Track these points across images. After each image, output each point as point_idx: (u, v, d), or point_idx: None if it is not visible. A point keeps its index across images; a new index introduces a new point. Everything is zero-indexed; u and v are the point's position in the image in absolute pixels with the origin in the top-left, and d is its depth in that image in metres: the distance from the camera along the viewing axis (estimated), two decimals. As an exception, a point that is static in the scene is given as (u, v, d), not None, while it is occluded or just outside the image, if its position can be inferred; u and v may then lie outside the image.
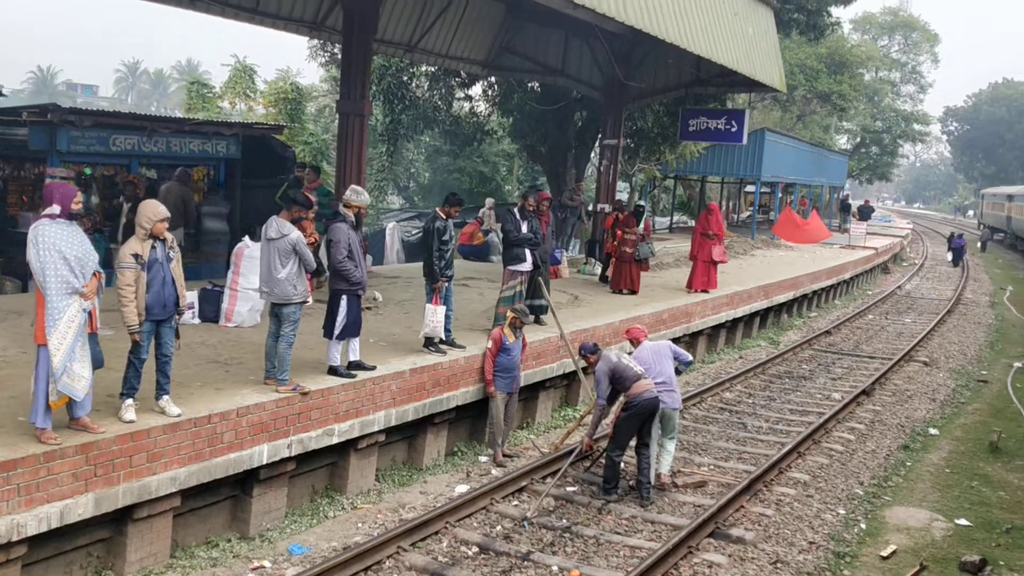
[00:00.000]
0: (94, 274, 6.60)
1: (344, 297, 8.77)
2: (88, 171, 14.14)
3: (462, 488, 9.62)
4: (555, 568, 7.84)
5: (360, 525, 8.59)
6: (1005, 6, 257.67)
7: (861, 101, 55.97)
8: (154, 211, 7.16)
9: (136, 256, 6.99)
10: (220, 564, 7.55)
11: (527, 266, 11.62)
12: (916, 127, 73.68)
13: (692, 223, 41.10)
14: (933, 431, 13.60)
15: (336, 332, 8.81)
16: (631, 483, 9.91)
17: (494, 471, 10.26)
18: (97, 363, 6.73)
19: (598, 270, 18.71)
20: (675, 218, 41.27)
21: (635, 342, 10.25)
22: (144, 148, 14.33)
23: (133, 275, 6.95)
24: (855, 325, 23.48)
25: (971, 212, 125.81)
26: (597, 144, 26.92)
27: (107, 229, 13.92)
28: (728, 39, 17.30)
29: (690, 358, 10.66)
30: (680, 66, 19.10)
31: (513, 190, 40.04)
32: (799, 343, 19.60)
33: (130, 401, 7.09)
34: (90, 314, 6.59)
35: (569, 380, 12.99)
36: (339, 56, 22.88)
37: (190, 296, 10.92)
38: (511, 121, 26.39)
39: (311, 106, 33.13)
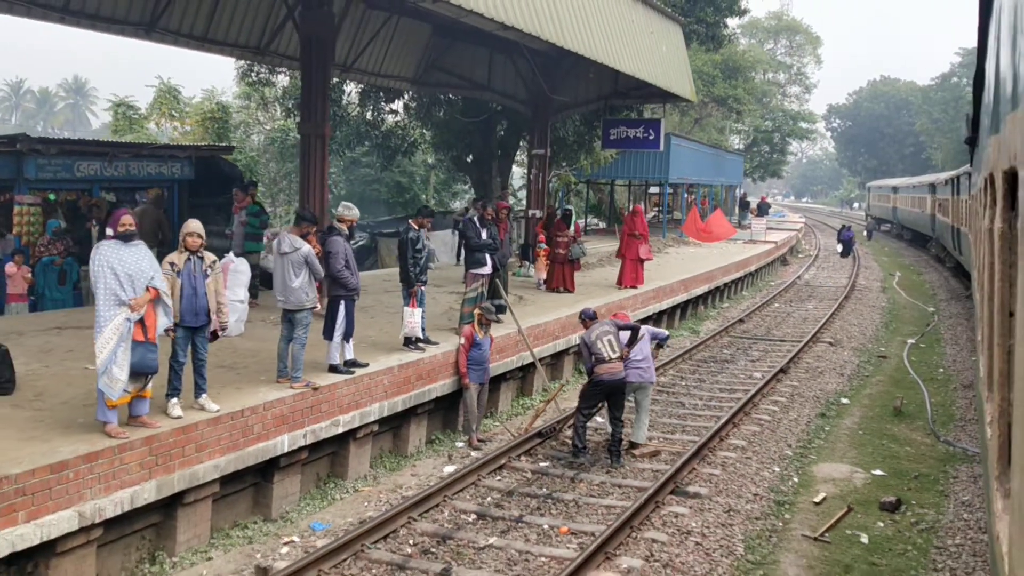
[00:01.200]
0: (147, 289, 7.52)
1: (342, 302, 9.84)
2: (52, 196, 14.72)
3: (450, 468, 10.77)
4: (545, 527, 9.08)
5: (367, 504, 9.66)
6: (881, 10, 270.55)
7: (753, 103, 58.87)
8: (186, 227, 8.14)
9: (172, 264, 7.95)
10: (255, 541, 8.54)
11: (487, 269, 12.84)
12: (803, 125, 77.71)
13: (603, 226, 43.01)
14: (844, 400, 15.34)
15: (336, 334, 9.85)
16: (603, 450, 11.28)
17: (473, 454, 11.43)
18: (150, 369, 7.61)
19: (532, 272, 19.99)
20: (588, 221, 42.97)
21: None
22: (106, 173, 15.00)
23: (168, 282, 7.89)
24: (764, 313, 25.39)
25: (856, 205, 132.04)
26: (518, 153, 28.36)
27: (77, 252, 14.50)
28: (645, 55, 18.87)
29: (666, 334, 12.25)
30: (600, 80, 20.61)
31: (429, 199, 41.11)
32: (717, 331, 21.28)
33: (175, 400, 8.04)
34: (144, 323, 7.49)
35: (525, 372, 14.23)
36: (266, 77, 23.79)
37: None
38: (434, 134, 27.51)
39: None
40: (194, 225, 8.21)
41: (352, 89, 25.20)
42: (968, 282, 25.19)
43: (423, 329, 11.67)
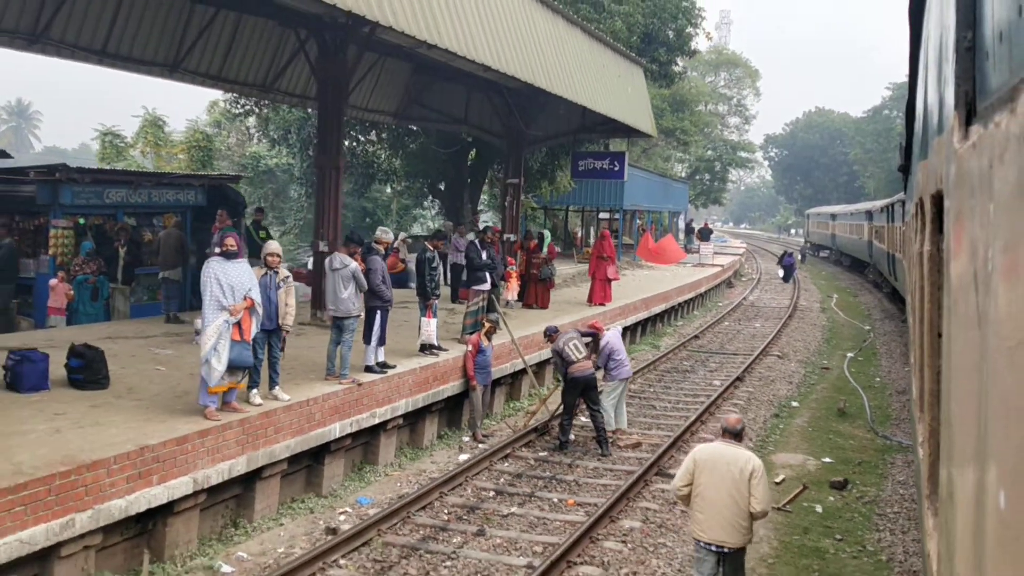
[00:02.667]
0: (245, 298, 9.10)
1: (379, 312, 11.47)
2: (82, 221, 16.08)
3: (464, 456, 12.43)
4: (555, 500, 10.80)
5: (399, 484, 11.28)
6: (816, 43, 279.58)
7: (698, 134, 61.61)
8: (267, 248, 9.75)
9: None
10: (315, 512, 10.11)
11: (487, 286, 14.58)
12: (743, 155, 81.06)
13: (558, 249, 44.93)
14: (795, 403, 17.33)
15: (373, 339, 11.49)
16: (592, 440, 13.05)
17: (480, 446, 13.09)
18: (247, 364, 9.18)
19: (506, 293, 21.70)
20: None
21: (600, 331, 13.42)
22: (130, 200, 16.41)
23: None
24: (716, 330, 27.46)
25: (793, 231, 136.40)
26: (486, 180, 30.17)
27: (107, 271, 15.86)
28: (613, 95, 20.88)
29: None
30: (570, 116, 22.55)
31: (391, 224, 42.69)
32: (676, 346, 23.23)
33: (255, 390, 9.61)
34: (240, 326, 9.08)
35: (514, 378, 15.93)
36: (248, 108, 25.31)
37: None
38: (406, 162, 29.20)
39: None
40: (274, 246, 9.83)
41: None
42: (903, 306, 26.88)
43: (436, 337, 13.33)
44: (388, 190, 40.65)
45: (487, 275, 14.52)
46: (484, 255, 14.59)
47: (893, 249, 28.15)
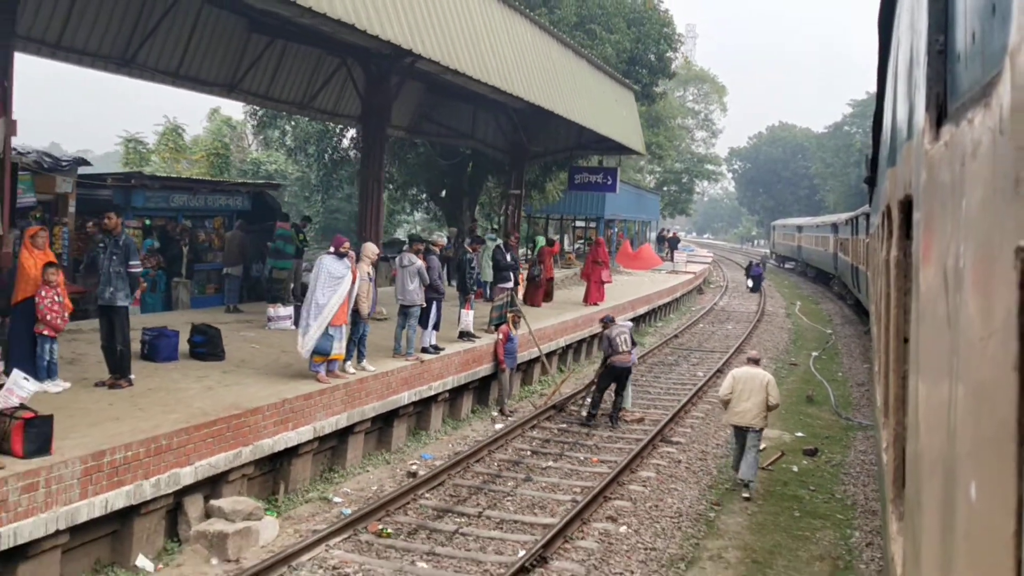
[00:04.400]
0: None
1: (435, 303, 13.77)
2: (148, 222, 18.17)
3: (499, 426, 14.75)
4: (581, 458, 13.16)
5: (451, 445, 13.57)
6: (778, 62, 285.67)
7: (670, 149, 64.45)
8: (370, 250, 12.00)
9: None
10: (391, 464, 12.37)
11: (511, 284, 16.91)
12: (709, 167, 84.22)
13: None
14: (767, 422, 19.82)
15: (430, 324, 13.78)
16: (605, 415, 15.43)
17: (509, 419, 15.41)
18: (326, 351, 11.39)
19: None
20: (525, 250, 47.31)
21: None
22: (190, 204, 18.54)
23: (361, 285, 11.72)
24: (693, 331, 30.01)
25: (755, 242, 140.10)
26: (482, 190, 32.49)
27: (166, 267, 17.93)
28: (608, 116, 23.34)
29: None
30: (568, 134, 24.98)
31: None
32: (659, 344, 25.70)
33: (349, 363, 11.86)
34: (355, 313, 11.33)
35: (529, 365, 18.26)
36: (270, 120, 27.42)
37: (284, 311, 15.57)
38: (405, 172, 31.43)
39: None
40: (374, 249, 12.08)
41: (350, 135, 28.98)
42: (866, 317, 27.70)
43: (470, 325, 15.65)
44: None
45: (511, 275, 16.85)
46: (508, 257, 16.92)
47: (857, 261, 28.93)
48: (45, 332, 9.46)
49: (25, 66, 14.28)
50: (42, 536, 7.20)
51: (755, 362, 12.50)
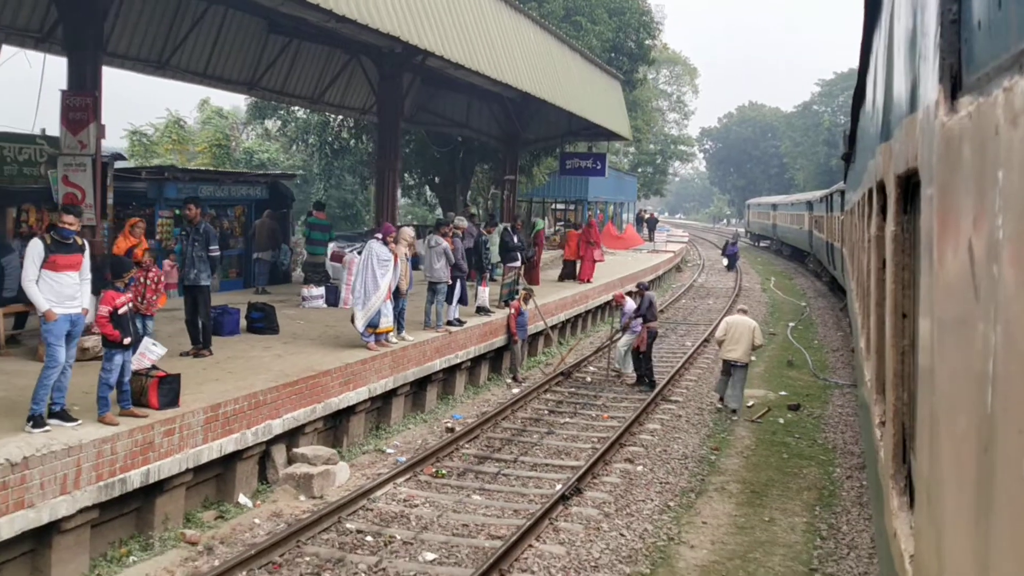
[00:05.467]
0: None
1: (459, 280, 15.33)
2: (177, 212, 19.52)
3: (515, 390, 16.37)
4: (593, 415, 14.83)
5: (475, 407, 15.17)
6: (747, 40, 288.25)
7: (647, 131, 66.11)
8: (408, 234, 13.53)
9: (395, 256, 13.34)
10: (428, 422, 13.97)
11: (519, 263, 18.50)
12: (682, 148, 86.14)
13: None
14: (753, 358, 21.59)
15: (454, 299, 15.35)
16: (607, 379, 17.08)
17: (523, 384, 17.03)
18: (376, 324, 12.93)
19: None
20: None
21: (620, 301, 17.38)
22: (216, 194, 19.92)
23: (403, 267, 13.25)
24: (677, 306, 31.77)
25: (725, 221, 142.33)
26: (473, 176, 33.98)
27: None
28: (597, 104, 24.93)
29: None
30: (558, 122, 26.54)
31: (365, 215, 46.19)
32: (647, 318, 27.39)
33: (391, 334, 13.41)
34: (396, 290, 12.87)
35: (533, 338, 19.87)
36: (271, 111, 28.74)
37: (316, 291, 17.09)
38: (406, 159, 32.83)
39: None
40: (411, 233, 13.61)
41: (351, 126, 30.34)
42: (841, 293, 28.49)
43: (487, 301, 17.24)
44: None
45: (519, 255, 18.44)
46: (515, 239, 18.51)
47: (833, 239, 29.11)
48: (142, 310, 10.92)
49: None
50: (176, 473, 8.74)
51: (743, 312, 16.28)
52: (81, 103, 11.35)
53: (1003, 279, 1.41)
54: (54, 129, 16.16)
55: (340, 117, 28.14)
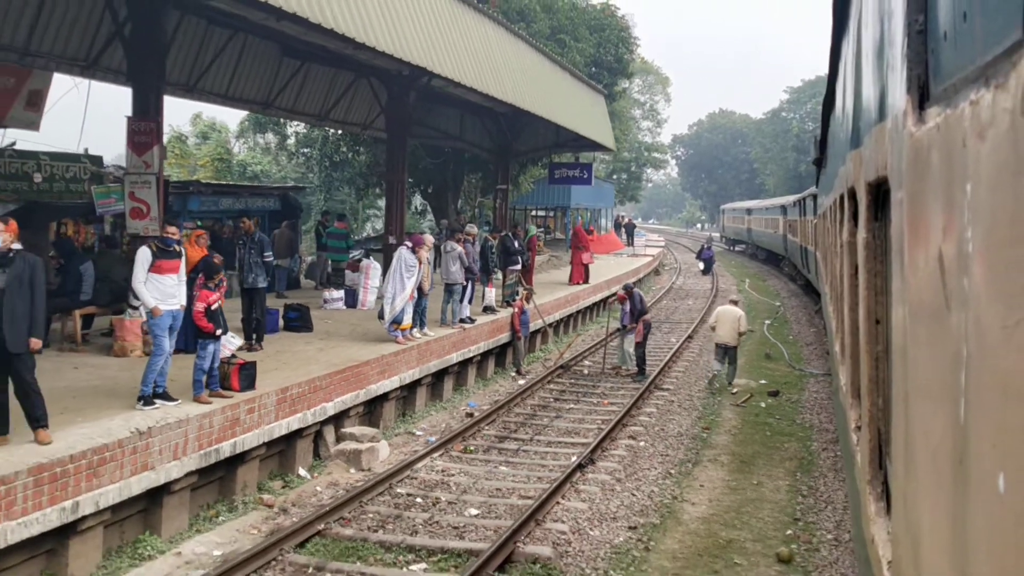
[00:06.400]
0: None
1: (470, 282, 16.86)
2: (199, 223, 20.92)
3: (521, 382, 17.92)
4: (594, 401, 16.41)
5: (487, 397, 16.70)
6: (718, 49, 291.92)
7: (625, 140, 67.95)
8: (429, 241, 15.05)
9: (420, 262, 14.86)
10: (447, 409, 15.48)
11: (519, 266, 20.07)
12: (656, 155, 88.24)
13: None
14: (742, 338, 23.30)
15: (466, 299, 16.88)
16: (603, 372, 18.68)
17: (528, 377, 18.57)
18: (400, 319, 14.45)
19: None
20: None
21: (624, 300, 18.97)
22: (234, 206, 21.34)
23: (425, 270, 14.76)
24: (659, 307, 33.46)
25: (700, 225, 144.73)
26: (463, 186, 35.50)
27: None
28: (583, 117, 26.58)
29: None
30: (547, 133, 28.15)
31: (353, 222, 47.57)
32: (632, 318, 29.04)
33: (415, 330, 14.92)
34: (419, 291, 14.38)
35: (532, 335, 21.43)
36: (275, 127, 30.12)
37: (336, 294, 18.56)
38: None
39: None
40: (430, 240, 15.13)
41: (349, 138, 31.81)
42: (814, 294, 29.62)
43: (492, 301, 18.79)
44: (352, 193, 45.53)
45: (519, 259, 20.02)
46: (516, 244, 20.09)
47: (806, 242, 29.50)
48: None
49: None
50: (255, 446, 10.22)
51: (733, 303, 18.86)
52: (145, 128, 12.79)
53: (972, 291, 1.40)
54: (95, 150, 17.63)
55: (339, 131, 29.57)
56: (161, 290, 9.39)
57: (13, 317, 7.53)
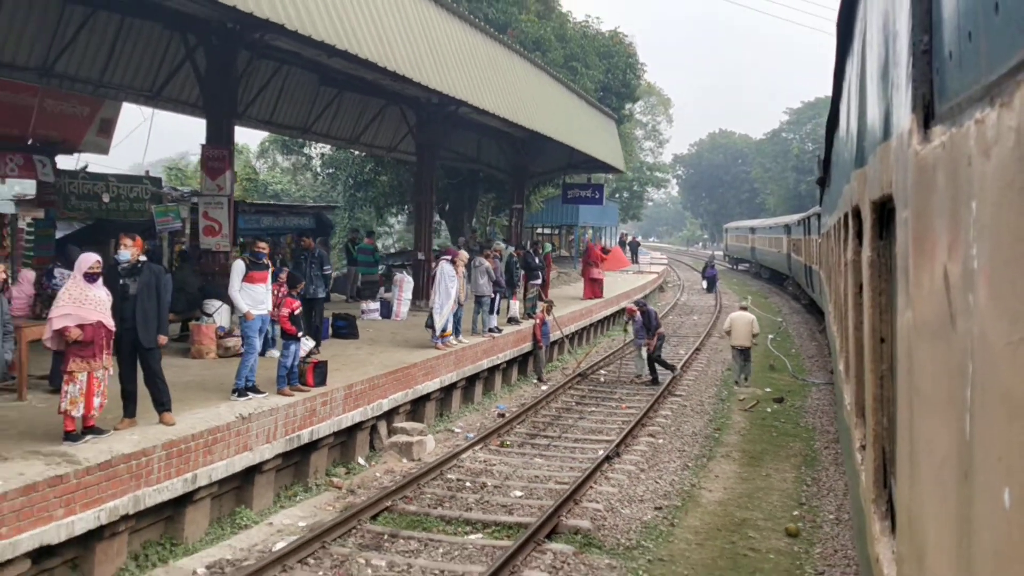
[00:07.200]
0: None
1: (498, 294, 18.32)
2: (241, 240, 22.40)
3: (544, 387, 19.34)
4: (613, 406, 17.83)
5: (513, 400, 18.11)
6: (718, 68, 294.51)
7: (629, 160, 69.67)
8: (463, 256, 16.52)
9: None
10: (479, 411, 16.89)
11: (539, 280, 21.54)
12: (657, 175, 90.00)
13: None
14: (755, 343, 24.73)
15: (494, 310, 18.34)
16: (633, 379, 20.12)
17: (548, 384, 19.99)
18: (447, 327, 15.92)
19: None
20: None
21: (633, 313, 20.43)
22: (273, 224, 22.85)
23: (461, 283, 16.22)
24: (666, 322, 34.77)
25: (701, 244, 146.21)
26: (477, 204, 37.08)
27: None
28: (595, 140, 28.14)
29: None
30: (560, 156, 29.73)
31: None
32: (641, 331, 30.47)
33: (454, 338, 16.36)
34: (458, 301, 15.84)
35: (550, 346, 22.86)
36: (299, 149, 31.68)
37: (373, 305, 20.02)
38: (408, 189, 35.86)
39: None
40: (464, 254, 16.60)
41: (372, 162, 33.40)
42: (818, 313, 30.20)
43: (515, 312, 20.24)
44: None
45: (539, 273, 21.49)
46: (536, 260, 21.57)
47: (810, 261, 29.65)
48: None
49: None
50: (326, 435, 11.66)
51: (744, 308, 21.16)
52: (218, 154, 14.29)
53: (977, 309, 1.41)
54: (155, 171, 19.08)
55: (363, 153, 31.15)
56: (253, 297, 10.84)
57: (145, 318, 8.97)
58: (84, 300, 8.29)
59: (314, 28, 12.04)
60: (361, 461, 12.84)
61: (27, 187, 20.89)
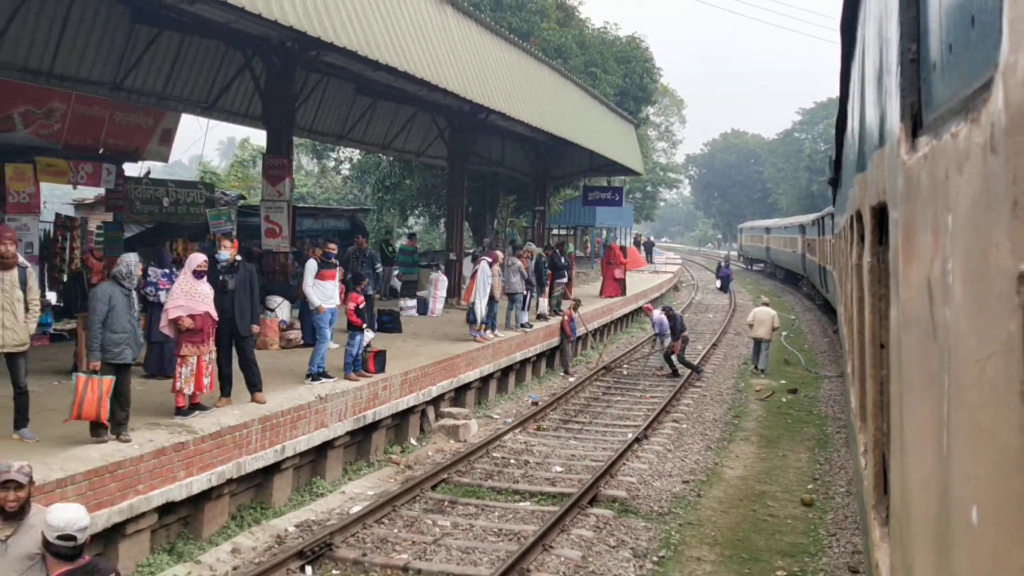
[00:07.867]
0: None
1: (529, 292, 19.58)
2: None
3: (571, 379, 20.59)
4: (637, 395, 19.08)
5: (545, 391, 19.37)
6: (731, 70, 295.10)
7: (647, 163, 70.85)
8: (499, 256, 17.79)
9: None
10: (513, 400, 18.16)
11: (565, 279, 22.81)
12: (671, 175, 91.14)
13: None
14: (774, 335, 25.93)
15: (526, 308, 19.60)
16: (656, 372, 21.38)
17: (575, 376, 21.24)
18: (486, 320, 17.20)
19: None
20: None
21: (648, 312, 21.68)
22: (312, 227, 24.16)
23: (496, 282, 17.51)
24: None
25: (714, 244, 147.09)
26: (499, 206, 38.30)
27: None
28: (615, 144, 29.38)
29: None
30: (581, 160, 30.96)
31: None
32: (659, 328, 31.68)
33: (489, 332, 17.63)
34: (492, 296, 17.12)
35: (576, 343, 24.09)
36: (331, 154, 32.99)
37: (411, 303, 21.32)
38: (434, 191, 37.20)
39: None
40: (499, 254, 17.86)
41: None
42: (831, 313, 30.06)
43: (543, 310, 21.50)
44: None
45: (565, 272, 22.75)
46: (563, 260, 22.83)
47: (824, 261, 29.87)
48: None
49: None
50: (386, 416, 12.95)
51: (766, 304, 23.42)
52: (278, 163, 15.61)
53: (953, 324, 1.42)
54: (188, 174, 20.39)
55: (390, 158, 32.49)
56: (324, 293, 12.15)
57: (242, 310, 10.29)
58: (194, 294, 9.59)
59: (380, 53, 13.37)
60: (413, 441, 14.13)
61: (85, 192, 22.27)
